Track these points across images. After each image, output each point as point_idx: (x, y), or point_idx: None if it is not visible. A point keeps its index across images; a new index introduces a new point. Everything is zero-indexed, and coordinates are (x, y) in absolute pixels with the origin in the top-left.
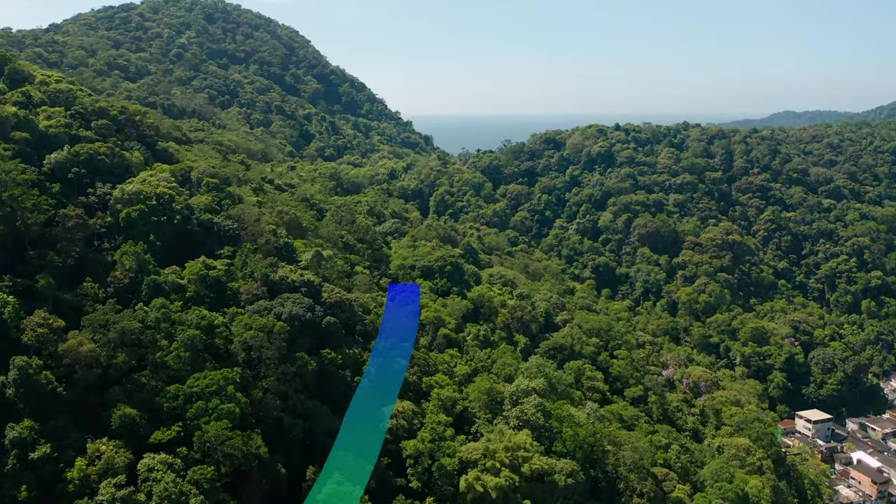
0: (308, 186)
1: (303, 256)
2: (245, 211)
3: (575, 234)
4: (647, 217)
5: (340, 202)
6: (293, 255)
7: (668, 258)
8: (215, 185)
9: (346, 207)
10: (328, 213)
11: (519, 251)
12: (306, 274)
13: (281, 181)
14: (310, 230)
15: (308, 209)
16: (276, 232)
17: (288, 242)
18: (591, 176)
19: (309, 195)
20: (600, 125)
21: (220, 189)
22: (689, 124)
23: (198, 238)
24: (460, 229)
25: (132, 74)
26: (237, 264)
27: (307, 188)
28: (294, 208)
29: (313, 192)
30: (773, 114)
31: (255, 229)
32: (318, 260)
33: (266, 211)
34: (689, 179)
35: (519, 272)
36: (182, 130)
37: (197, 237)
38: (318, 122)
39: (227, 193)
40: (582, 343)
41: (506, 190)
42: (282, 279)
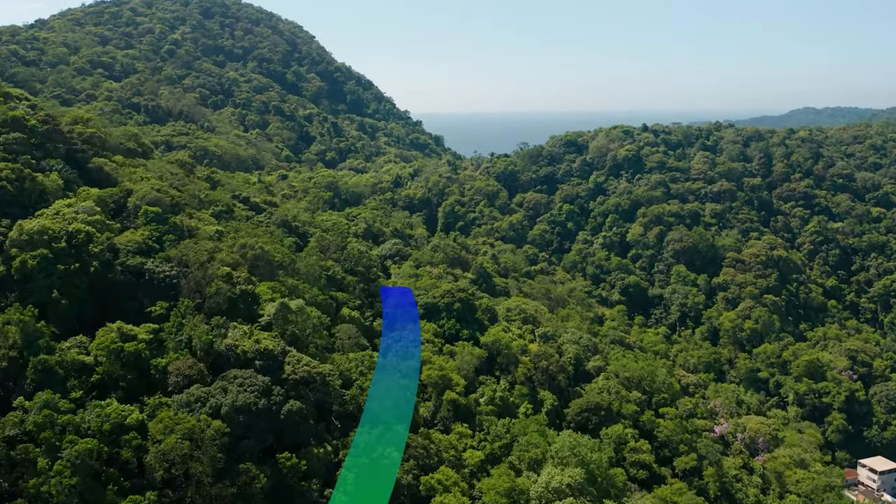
0: (293, 204)
1: (265, 309)
2: (191, 250)
3: (601, 249)
4: (681, 230)
5: (331, 222)
6: (253, 308)
7: (707, 277)
8: (156, 216)
9: (336, 230)
10: (312, 239)
11: (539, 272)
12: (264, 339)
13: (259, 199)
14: (284, 265)
15: (286, 235)
16: (232, 276)
17: (247, 290)
18: (617, 183)
19: (291, 216)
20: (626, 126)
21: (163, 220)
22: (721, 124)
23: (124, 290)
24: (472, 245)
25: (117, 73)
26: (169, 329)
27: (291, 206)
28: (264, 239)
29: (299, 209)
30: (791, 110)
31: (202, 274)
32: (284, 314)
33: (225, 246)
34: (726, 187)
35: (540, 298)
36: (139, 140)
37: (122, 289)
38: (319, 123)
39: (171, 226)
40: (621, 400)
41: (522, 199)
42: (230, 349)
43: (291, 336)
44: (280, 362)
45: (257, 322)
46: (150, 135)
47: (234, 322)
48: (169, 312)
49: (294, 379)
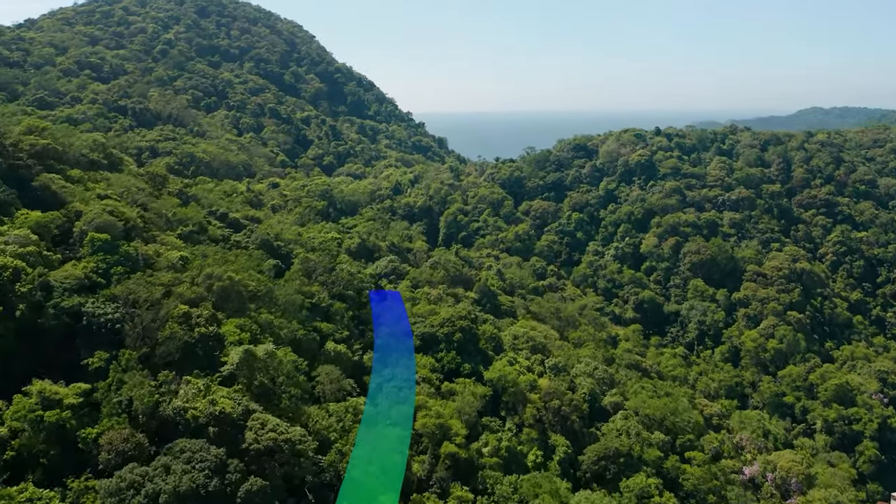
0: (280, 218)
1: (230, 355)
2: (141, 285)
3: (613, 261)
4: (699, 241)
5: (318, 240)
6: (215, 355)
7: (727, 292)
8: (104, 244)
9: (324, 249)
10: (296, 261)
11: (547, 287)
12: (222, 399)
13: (239, 214)
14: (259, 296)
15: (267, 257)
16: (191, 316)
17: (207, 333)
18: (629, 190)
19: (273, 234)
20: (637, 129)
21: (113, 248)
22: (736, 127)
23: (58, 339)
24: (475, 259)
25: (105, 74)
26: (103, 389)
27: (275, 222)
28: (236, 265)
29: (286, 224)
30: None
31: (153, 316)
32: (250, 363)
33: (188, 277)
34: (745, 194)
35: (549, 318)
36: (106, 149)
37: (56, 338)
38: (317, 125)
39: (121, 255)
40: (642, 443)
41: (529, 207)
42: (178, 413)
43: (259, 388)
44: (240, 427)
45: (218, 372)
46: (135, 140)
47: (188, 376)
48: (108, 367)
49: (257, 449)
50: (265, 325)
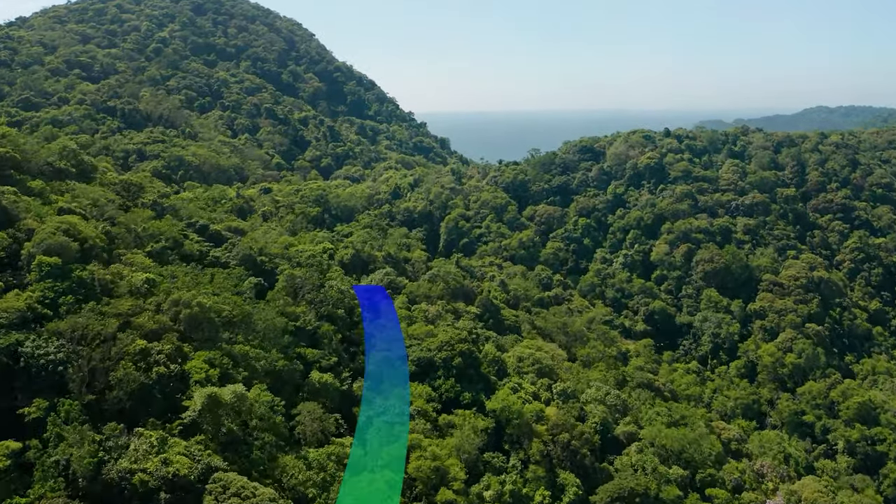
0: (265, 229)
1: (193, 398)
2: (93, 318)
3: (622, 269)
4: (712, 249)
5: (307, 253)
6: (178, 397)
7: (742, 303)
8: (54, 269)
9: (313, 264)
10: (280, 279)
11: (553, 299)
12: (177, 457)
13: (221, 226)
14: (235, 322)
15: (246, 275)
16: (150, 353)
17: (167, 374)
18: (638, 194)
19: (257, 249)
20: (646, 130)
21: (65, 273)
22: (748, 128)
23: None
24: (477, 268)
25: (96, 74)
26: (36, 448)
27: (261, 234)
28: (209, 287)
29: (273, 236)
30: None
31: (105, 354)
32: (214, 410)
33: (151, 304)
34: (759, 199)
35: (556, 334)
36: (77, 156)
37: None
38: (315, 126)
39: (74, 281)
40: (659, 480)
41: (534, 212)
42: (124, 477)
43: (227, 437)
44: (198, 491)
45: (179, 419)
46: (122, 143)
47: (141, 427)
48: (46, 419)
49: None
50: (239, 357)
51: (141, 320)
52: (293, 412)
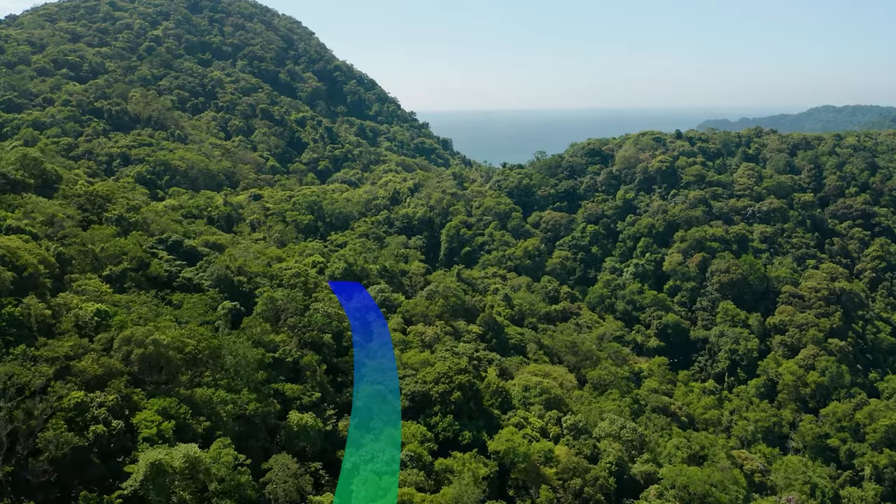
0: (248, 242)
1: (139, 462)
2: (14, 370)
3: (632, 279)
4: (728, 259)
5: (293, 271)
6: (119, 462)
7: (761, 316)
8: None
9: (296, 284)
10: (259, 303)
11: (560, 313)
12: None
13: (196, 241)
14: (200, 359)
15: (221, 299)
16: (88, 407)
17: (106, 434)
18: (649, 199)
19: (234, 268)
20: (657, 132)
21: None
22: (762, 130)
23: None
24: (479, 280)
25: (84, 73)
26: None
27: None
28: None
29: (258, 249)
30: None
31: (29, 412)
32: (160, 480)
33: (99, 342)
34: (776, 205)
35: (565, 354)
36: (40, 166)
37: None
38: (312, 127)
39: (4, 319)
40: None
41: (539, 218)
42: None
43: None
44: None
45: (119, 490)
46: (106, 146)
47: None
48: None
49: None
50: (200, 404)
51: (83, 364)
52: (264, 466)
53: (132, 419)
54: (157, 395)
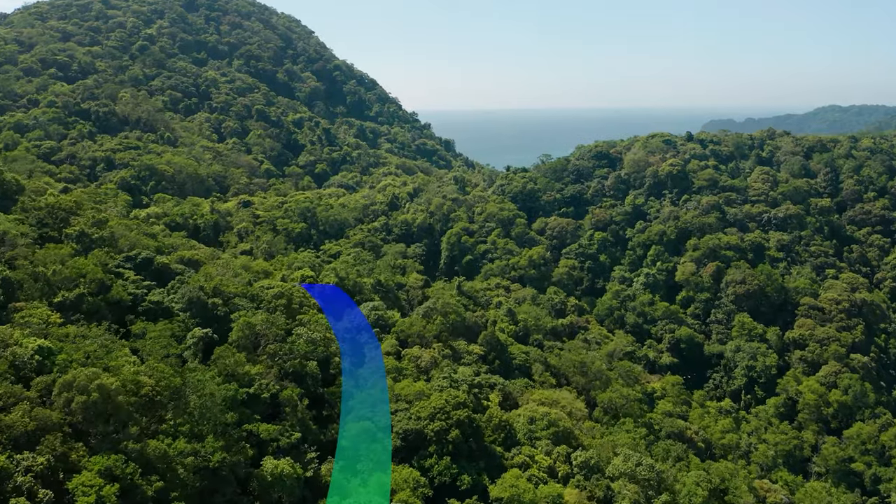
0: (226, 259)
1: None
2: None
3: (643, 290)
4: (744, 268)
5: (275, 291)
6: None
7: (779, 330)
8: None
9: (278, 307)
10: (235, 328)
11: (567, 328)
12: None
13: (170, 258)
14: (159, 401)
15: (191, 325)
16: (10, 473)
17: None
18: (659, 205)
19: (210, 288)
20: (666, 134)
21: None
22: (775, 132)
23: None
24: (481, 292)
25: (73, 73)
26: None
27: (223, 263)
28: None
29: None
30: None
31: None
32: None
33: (37, 389)
34: (793, 211)
35: (573, 374)
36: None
37: None
38: (310, 129)
39: None
40: None
41: (545, 224)
42: None
43: None
44: None
45: None
46: (90, 150)
47: None
48: None
49: None
50: (155, 458)
51: (13, 417)
52: None
53: (68, 483)
54: (101, 451)
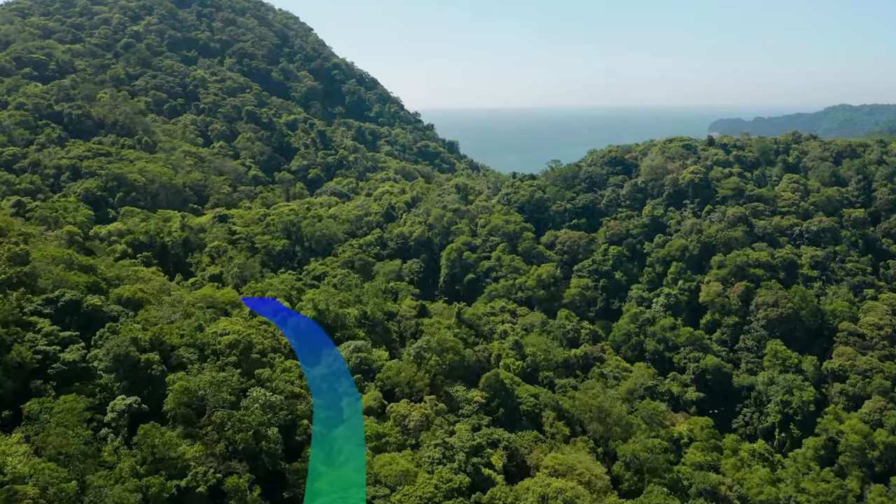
0: (172, 301)
1: None
2: None
3: (663, 312)
4: (776, 289)
5: (229, 340)
6: None
7: (816, 360)
8: None
9: (226, 366)
10: (170, 396)
11: (581, 360)
12: None
13: (104, 299)
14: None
15: (116, 390)
16: None
17: None
18: (680, 216)
19: (146, 339)
20: (686, 138)
21: None
22: (800, 136)
23: None
24: (484, 319)
25: (50, 73)
26: None
27: (168, 306)
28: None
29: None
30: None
31: None
32: None
33: None
34: (826, 224)
35: (588, 419)
36: None
37: None
38: (304, 131)
39: None
40: None
41: (554, 238)
42: None
43: None
44: None
45: None
46: (56, 157)
47: None
48: None
49: None
50: None
51: None
52: None
53: None
54: None
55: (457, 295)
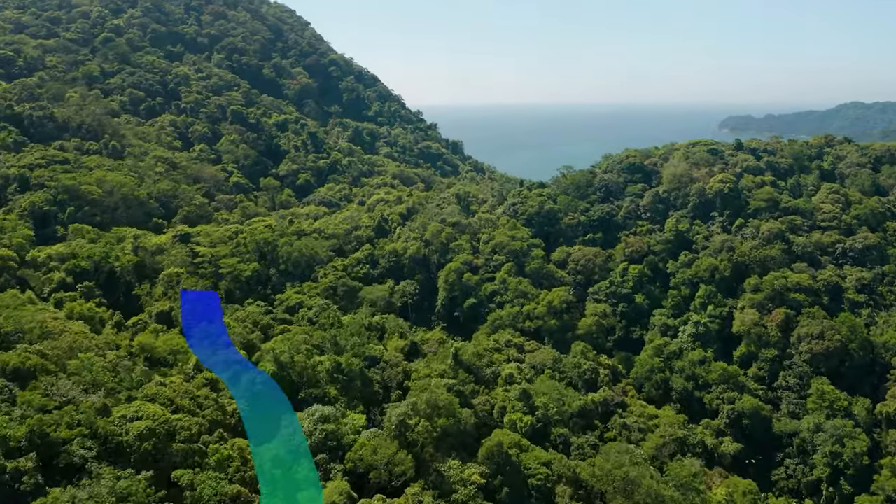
0: (84, 362)
1: None
2: None
3: (691, 343)
4: (820, 318)
5: (142, 427)
6: None
7: (869, 401)
8: None
9: (136, 465)
10: None
11: (599, 408)
12: None
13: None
14: None
15: None
16: None
17: None
18: (707, 230)
19: (25, 434)
20: (711, 142)
21: None
22: (833, 139)
23: None
24: (486, 359)
25: (17, 70)
26: None
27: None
28: None
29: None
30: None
31: None
32: None
33: None
34: (872, 241)
35: (612, 494)
36: None
37: None
38: (294, 132)
39: None
40: None
41: (566, 255)
42: None
43: None
44: None
45: None
46: (3, 165)
47: None
48: None
49: None
50: None
51: None
52: None
53: None
54: None
55: (456, 322)
